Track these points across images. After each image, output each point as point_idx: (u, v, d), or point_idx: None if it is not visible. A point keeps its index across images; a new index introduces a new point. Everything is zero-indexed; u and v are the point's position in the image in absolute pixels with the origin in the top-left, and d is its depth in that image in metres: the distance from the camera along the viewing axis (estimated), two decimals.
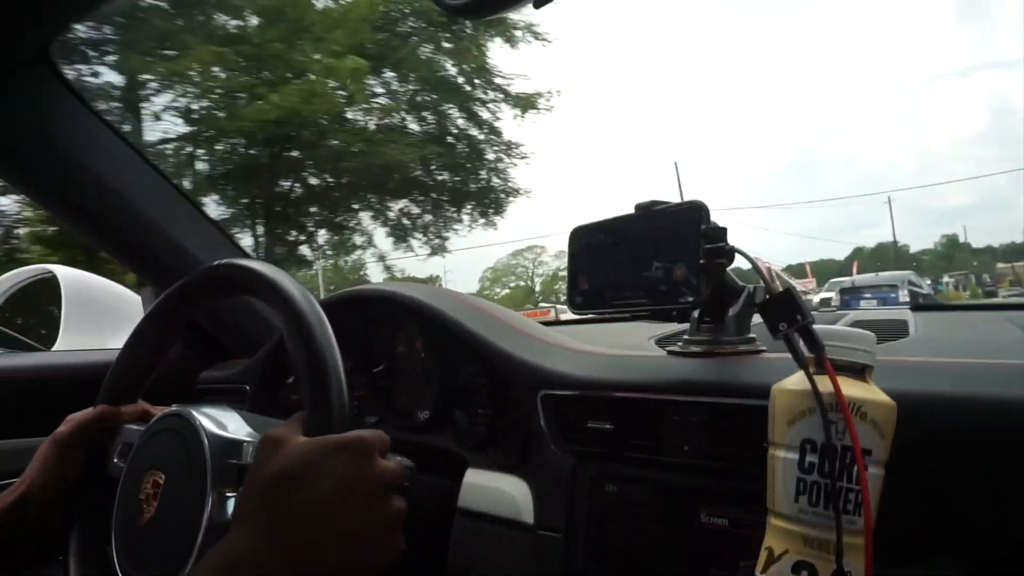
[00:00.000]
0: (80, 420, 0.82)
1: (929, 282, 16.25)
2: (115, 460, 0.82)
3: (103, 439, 0.83)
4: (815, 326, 0.54)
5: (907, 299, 12.92)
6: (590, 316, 1.34)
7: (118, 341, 1.38)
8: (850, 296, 14.15)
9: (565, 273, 0.81)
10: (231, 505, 0.63)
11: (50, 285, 1.61)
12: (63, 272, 1.55)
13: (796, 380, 0.53)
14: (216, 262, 0.77)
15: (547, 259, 49.55)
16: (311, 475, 0.55)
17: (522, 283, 49.58)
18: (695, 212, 0.66)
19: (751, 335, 0.74)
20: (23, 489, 0.77)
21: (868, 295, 13.78)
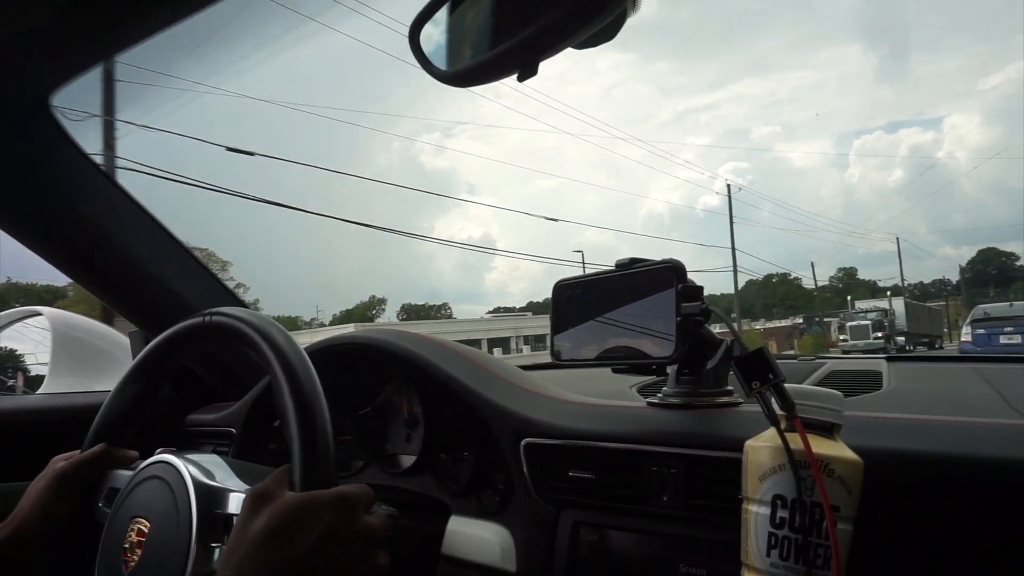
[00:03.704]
0: (83, 458, 0.81)
1: None
2: (100, 504, 0.82)
3: (94, 481, 0.83)
4: (786, 385, 0.56)
5: None
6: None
7: (106, 383, 1.39)
8: (986, 329, 12.03)
9: None
10: (216, 556, 0.64)
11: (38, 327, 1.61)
12: (51, 314, 1.55)
13: (767, 437, 0.55)
14: (209, 311, 0.78)
15: None
16: (297, 531, 0.57)
17: None
18: (671, 271, 0.69)
19: (728, 387, 0.77)
20: (17, 524, 0.76)
21: (1009, 328, 11.84)
